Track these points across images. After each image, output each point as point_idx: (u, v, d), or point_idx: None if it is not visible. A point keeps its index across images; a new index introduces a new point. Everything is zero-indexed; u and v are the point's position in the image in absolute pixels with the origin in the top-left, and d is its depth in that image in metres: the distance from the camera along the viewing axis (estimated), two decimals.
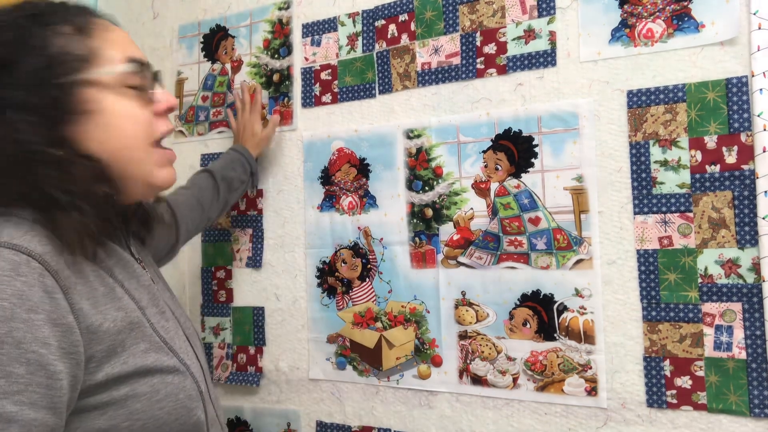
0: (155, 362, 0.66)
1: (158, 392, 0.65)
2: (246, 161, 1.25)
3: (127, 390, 0.62)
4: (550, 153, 1.07)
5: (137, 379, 0.63)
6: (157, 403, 0.64)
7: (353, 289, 1.25)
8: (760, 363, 0.91)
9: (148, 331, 0.67)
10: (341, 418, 1.25)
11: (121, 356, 0.62)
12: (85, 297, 0.61)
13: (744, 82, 0.93)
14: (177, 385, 0.67)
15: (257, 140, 1.28)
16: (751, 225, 0.92)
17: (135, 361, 0.63)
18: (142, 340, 0.66)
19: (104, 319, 0.62)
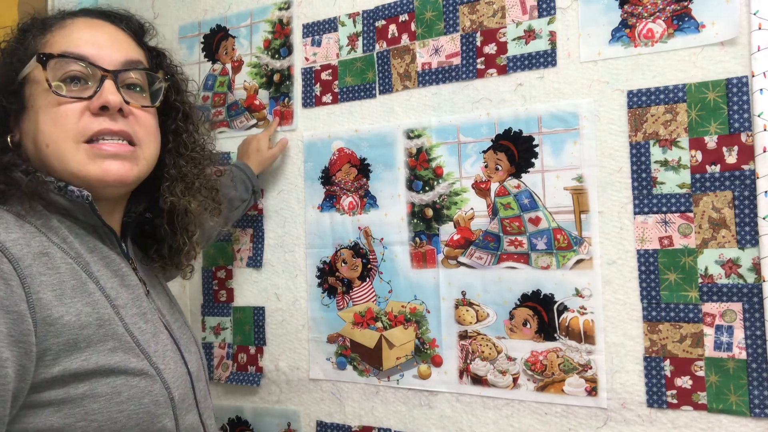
0: (120, 362, 0.63)
1: (120, 394, 0.62)
2: (248, 179, 1.23)
3: (85, 388, 0.60)
4: (550, 153, 1.07)
5: (98, 378, 0.61)
6: (116, 405, 0.62)
7: (353, 289, 1.25)
8: (761, 363, 0.91)
9: (119, 330, 0.65)
10: (341, 418, 1.25)
11: (83, 352, 0.60)
12: (50, 288, 0.60)
13: (744, 82, 0.93)
14: (142, 388, 0.64)
15: (262, 158, 1.26)
16: (751, 225, 0.92)
17: (97, 359, 0.61)
18: (111, 339, 0.63)
19: (66, 312, 0.60)
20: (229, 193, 1.18)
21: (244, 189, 1.23)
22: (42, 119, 0.67)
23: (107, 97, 0.67)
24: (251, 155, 1.26)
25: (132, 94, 0.73)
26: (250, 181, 1.23)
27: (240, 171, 1.23)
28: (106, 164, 0.68)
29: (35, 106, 0.67)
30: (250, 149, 1.27)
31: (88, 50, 0.69)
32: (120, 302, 0.68)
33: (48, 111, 0.67)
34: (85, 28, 0.71)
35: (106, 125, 0.68)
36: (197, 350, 0.81)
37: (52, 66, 0.67)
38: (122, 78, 0.71)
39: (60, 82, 0.67)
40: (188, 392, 0.73)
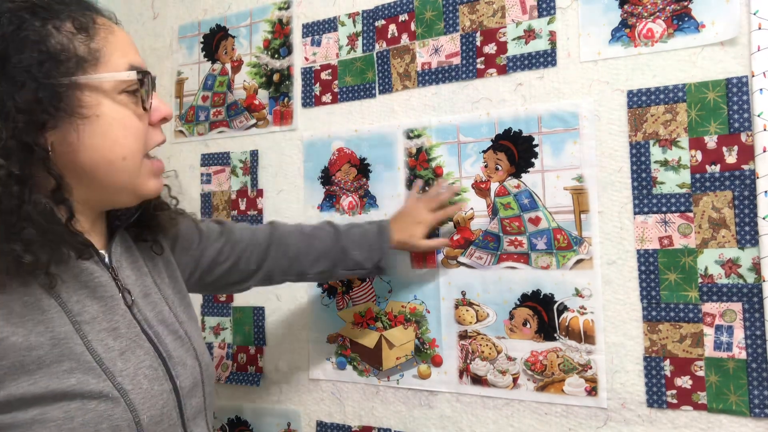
0: (76, 385, 0.58)
1: (72, 419, 0.57)
2: (379, 249, 1.05)
3: (35, 413, 0.55)
4: (550, 153, 1.07)
5: (50, 403, 0.56)
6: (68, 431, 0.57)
7: (353, 289, 1.25)
8: (760, 363, 0.91)
9: (77, 348, 0.60)
10: (341, 418, 1.25)
11: (32, 375, 0.56)
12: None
13: (744, 82, 0.93)
14: (101, 413, 0.59)
15: (410, 233, 1.07)
16: (751, 225, 0.92)
17: (48, 383, 0.56)
18: (67, 359, 0.59)
19: (13, 333, 0.56)
20: (352, 251, 1.04)
21: (368, 258, 1.05)
22: (119, 131, 0.64)
23: (168, 110, 0.71)
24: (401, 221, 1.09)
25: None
26: (381, 253, 1.05)
27: (378, 236, 1.05)
28: (156, 181, 0.71)
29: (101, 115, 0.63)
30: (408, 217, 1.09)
31: (140, 60, 0.68)
32: (85, 317, 0.63)
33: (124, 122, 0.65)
34: (122, 32, 0.68)
35: (162, 137, 0.71)
36: (196, 364, 0.74)
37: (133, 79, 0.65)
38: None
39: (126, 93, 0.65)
40: (169, 412, 0.67)
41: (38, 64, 0.58)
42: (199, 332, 0.82)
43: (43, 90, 0.58)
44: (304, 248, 1.03)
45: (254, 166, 1.36)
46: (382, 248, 1.05)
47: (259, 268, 1.00)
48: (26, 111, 0.57)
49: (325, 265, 1.04)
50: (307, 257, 1.03)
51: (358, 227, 1.07)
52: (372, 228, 1.07)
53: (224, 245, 0.96)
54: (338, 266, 1.05)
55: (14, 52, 0.58)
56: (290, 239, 1.03)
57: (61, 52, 0.60)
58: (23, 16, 0.59)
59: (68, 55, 0.60)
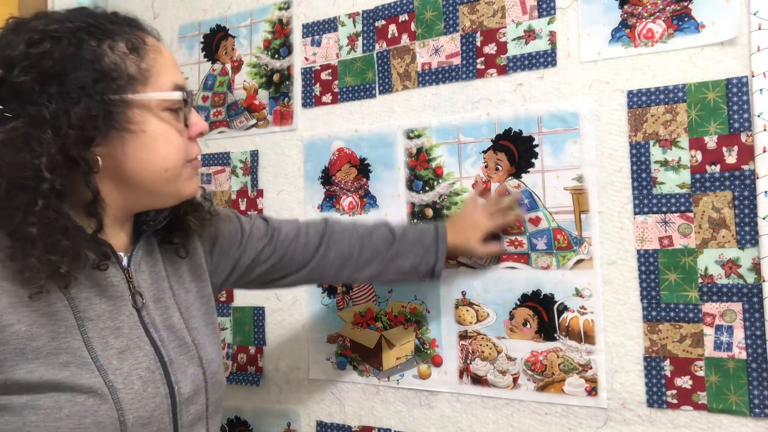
0: (69, 377, 0.61)
1: (60, 410, 0.60)
2: (435, 254, 1.01)
3: (27, 399, 0.59)
4: (550, 153, 1.07)
5: (43, 391, 0.60)
6: (55, 420, 0.59)
7: (353, 288, 1.25)
8: (761, 363, 0.91)
9: (75, 343, 0.63)
10: (341, 418, 1.25)
11: (30, 363, 0.59)
12: (7, 295, 0.60)
13: (744, 82, 0.93)
14: (87, 407, 0.61)
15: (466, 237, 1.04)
16: (751, 225, 0.92)
17: (43, 372, 0.60)
18: (65, 352, 0.62)
19: (19, 321, 0.60)
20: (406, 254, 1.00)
21: (422, 262, 1.01)
22: (162, 146, 0.69)
23: (206, 128, 0.77)
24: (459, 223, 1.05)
25: None
26: (435, 258, 1.01)
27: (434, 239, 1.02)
28: (195, 180, 0.77)
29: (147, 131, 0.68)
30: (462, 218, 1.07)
31: (182, 79, 0.73)
32: (90, 314, 0.65)
33: (167, 138, 0.70)
34: (167, 51, 0.73)
35: (199, 149, 0.77)
36: (200, 372, 0.75)
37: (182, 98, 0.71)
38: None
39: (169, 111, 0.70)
40: (161, 416, 0.68)
41: (93, 81, 0.62)
42: (214, 340, 0.82)
43: (96, 106, 0.62)
44: (357, 251, 0.99)
45: (254, 166, 1.36)
46: (438, 251, 1.02)
47: (305, 267, 0.97)
48: (78, 126, 0.61)
49: (378, 268, 1.01)
50: (360, 260, 0.99)
51: (414, 230, 1.04)
52: (429, 231, 1.03)
53: (266, 245, 0.94)
54: (391, 270, 1.01)
55: (71, 71, 0.62)
56: (344, 238, 1.00)
57: (113, 70, 0.64)
58: (81, 37, 0.64)
59: (120, 73, 0.65)
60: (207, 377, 0.76)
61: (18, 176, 0.60)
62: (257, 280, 0.96)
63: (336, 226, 1.01)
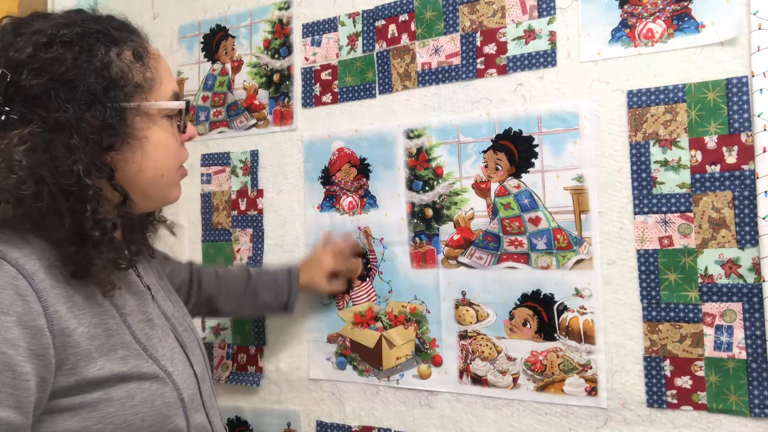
0: (133, 368, 0.66)
1: (133, 398, 0.65)
2: (288, 291, 1.15)
3: (101, 393, 0.63)
4: (550, 153, 1.07)
5: (113, 384, 0.64)
6: (131, 408, 0.64)
7: (353, 288, 1.25)
8: (760, 363, 0.91)
9: (127, 338, 0.67)
10: (341, 418, 1.25)
11: (97, 361, 0.63)
12: (63, 301, 0.61)
13: (744, 82, 0.93)
14: (154, 391, 0.67)
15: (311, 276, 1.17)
16: (751, 225, 0.92)
17: (111, 367, 0.64)
18: (120, 347, 0.66)
19: (80, 324, 0.62)
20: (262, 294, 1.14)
21: (277, 301, 1.15)
22: (161, 152, 0.72)
23: (195, 133, 0.80)
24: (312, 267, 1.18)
25: None
26: (288, 297, 1.15)
27: (287, 280, 1.15)
28: (179, 187, 0.80)
29: (147, 138, 0.70)
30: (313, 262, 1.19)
31: (176, 87, 0.76)
32: (127, 310, 0.70)
33: (166, 144, 0.73)
34: (163, 59, 0.76)
35: (188, 153, 0.79)
36: (201, 352, 0.83)
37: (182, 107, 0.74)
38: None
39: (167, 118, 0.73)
40: (195, 393, 0.75)
41: (104, 89, 0.64)
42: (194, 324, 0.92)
43: (109, 114, 0.64)
44: (217, 289, 1.14)
45: (254, 166, 1.36)
46: (291, 291, 1.15)
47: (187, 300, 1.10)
48: (95, 132, 0.63)
49: (235, 305, 1.16)
50: (219, 297, 1.14)
51: (268, 272, 1.18)
52: (283, 272, 1.17)
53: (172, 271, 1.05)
54: (248, 306, 1.16)
55: (83, 77, 0.63)
56: (205, 279, 1.14)
57: (121, 78, 0.66)
58: (92, 43, 0.65)
59: (127, 82, 0.67)
60: (205, 357, 0.84)
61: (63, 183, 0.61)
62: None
63: (200, 268, 1.15)
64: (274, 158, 1.34)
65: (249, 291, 1.15)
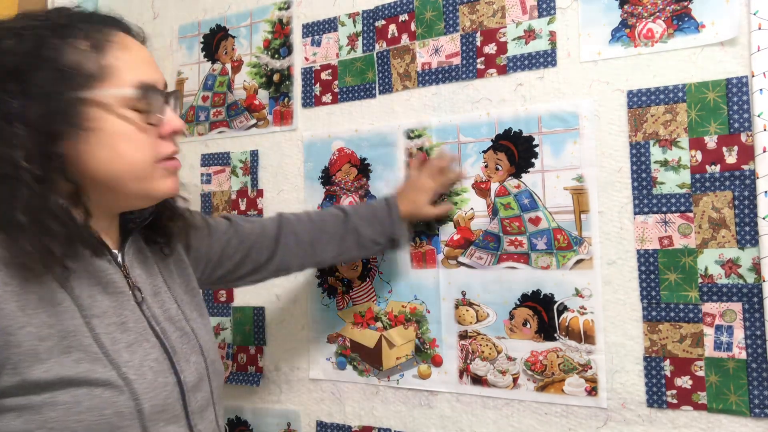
0: (84, 373, 0.62)
1: (80, 404, 0.61)
2: (390, 223, 1.06)
3: (46, 396, 0.60)
4: (550, 153, 1.07)
5: (60, 388, 0.61)
6: (75, 414, 0.61)
7: (353, 288, 1.25)
8: (761, 363, 0.91)
9: (85, 340, 0.64)
10: (341, 418, 1.25)
11: (45, 363, 0.60)
12: (14, 298, 0.60)
13: (744, 82, 0.93)
14: (105, 399, 0.63)
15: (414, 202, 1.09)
16: (751, 225, 0.92)
17: (59, 370, 0.61)
18: (76, 350, 0.63)
19: (28, 323, 0.60)
20: (363, 229, 1.05)
21: (381, 232, 1.06)
22: (122, 144, 0.68)
23: (180, 126, 0.73)
24: (412, 193, 1.10)
25: None
26: (392, 225, 1.07)
27: (386, 210, 1.07)
28: (172, 180, 0.73)
29: (105, 129, 0.66)
30: (412, 187, 1.11)
31: (155, 76, 0.71)
32: (95, 311, 0.67)
33: (128, 136, 0.68)
34: (140, 50, 0.72)
35: (174, 148, 0.74)
36: (201, 360, 0.78)
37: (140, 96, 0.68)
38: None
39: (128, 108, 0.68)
40: (173, 403, 0.71)
41: (52, 79, 0.63)
42: (209, 329, 0.86)
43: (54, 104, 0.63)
44: (315, 234, 1.05)
45: (254, 166, 1.36)
46: (393, 221, 1.06)
47: (271, 259, 1.02)
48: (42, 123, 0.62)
49: (340, 248, 1.06)
50: (320, 242, 1.05)
51: (365, 206, 1.10)
52: (380, 203, 1.09)
53: (232, 238, 0.98)
54: (353, 246, 1.06)
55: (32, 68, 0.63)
56: (299, 227, 1.05)
57: (72, 68, 0.64)
58: (43, 34, 0.65)
59: (78, 71, 0.65)
60: (208, 364, 0.79)
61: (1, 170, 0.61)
62: (230, 275, 1.00)
63: (290, 216, 1.07)
64: (274, 158, 1.34)
65: (350, 229, 1.05)
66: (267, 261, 1.02)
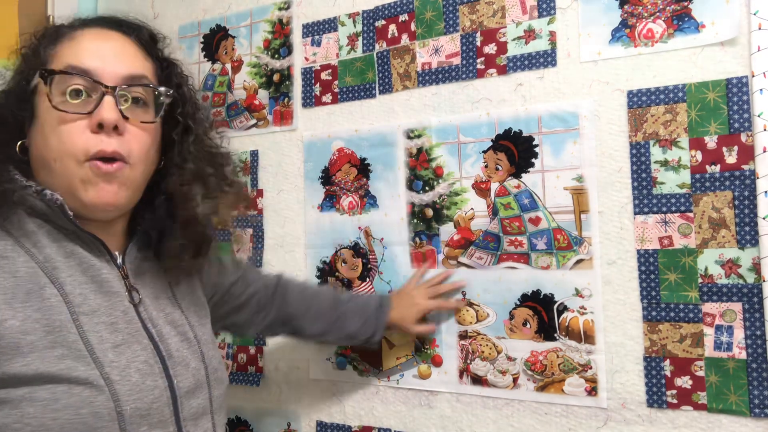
0: (65, 370, 0.62)
1: (57, 401, 0.60)
2: (375, 325, 1.08)
3: (25, 391, 0.60)
4: (550, 153, 1.07)
5: (39, 384, 0.60)
6: (52, 411, 0.60)
7: (353, 288, 1.25)
8: (760, 363, 0.91)
9: (71, 337, 0.63)
10: (341, 418, 1.25)
11: (26, 357, 0.60)
12: (1, 291, 0.61)
13: (744, 82, 0.93)
14: (84, 398, 0.62)
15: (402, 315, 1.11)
16: (751, 225, 0.92)
17: (39, 365, 0.60)
18: (60, 346, 0.62)
19: (13, 316, 0.61)
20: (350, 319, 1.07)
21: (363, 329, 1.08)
22: (49, 134, 0.67)
23: (103, 115, 0.66)
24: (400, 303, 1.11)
25: (134, 110, 0.70)
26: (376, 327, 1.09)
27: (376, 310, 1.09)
28: (98, 189, 0.67)
29: (41, 118, 0.68)
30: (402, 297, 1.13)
31: (92, 63, 0.68)
32: (85, 309, 0.66)
33: (54, 126, 0.67)
34: (92, 40, 0.71)
35: (101, 146, 0.67)
36: (202, 367, 0.76)
37: (55, 81, 0.67)
38: (125, 92, 0.70)
39: (64, 96, 0.67)
40: (160, 408, 0.69)
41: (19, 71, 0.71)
42: (212, 339, 0.84)
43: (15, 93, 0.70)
44: (304, 306, 1.06)
45: (254, 166, 1.36)
46: (378, 324, 1.09)
47: (263, 314, 1.03)
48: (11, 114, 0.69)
49: (324, 327, 1.07)
50: (305, 316, 1.06)
51: (358, 298, 1.13)
52: (373, 302, 1.11)
53: (239, 279, 0.99)
54: (334, 331, 1.08)
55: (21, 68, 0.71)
56: (293, 293, 1.06)
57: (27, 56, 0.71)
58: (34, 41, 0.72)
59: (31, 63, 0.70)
60: (209, 372, 0.78)
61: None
62: (225, 319, 0.98)
63: (287, 280, 1.09)
64: (274, 158, 1.34)
65: (337, 315, 1.07)
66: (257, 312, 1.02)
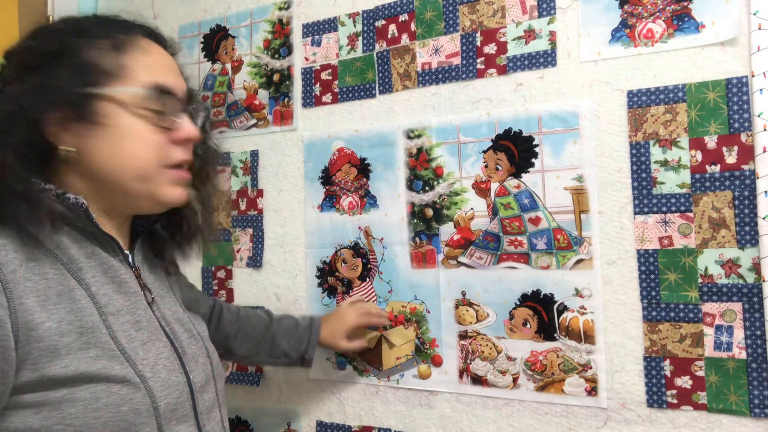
0: (102, 369, 0.63)
1: (98, 400, 0.62)
2: (307, 342, 1.12)
3: (65, 392, 0.61)
4: (550, 153, 1.07)
5: (78, 384, 0.61)
6: (93, 411, 0.61)
7: (353, 289, 1.25)
8: (760, 363, 0.91)
9: (103, 337, 0.65)
10: (341, 418, 1.25)
11: (64, 359, 0.61)
12: (34, 293, 0.61)
13: (744, 82, 0.93)
14: (123, 396, 0.64)
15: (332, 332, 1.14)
16: (751, 225, 0.92)
17: (78, 366, 0.61)
18: (94, 346, 0.64)
19: (48, 318, 0.61)
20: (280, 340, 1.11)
21: (295, 348, 1.12)
22: (128, 142, 0.69)
23: (193, 133, 0.74)
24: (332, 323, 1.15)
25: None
26: (307, 347, 1.12)
27: (308, 330, 1.13)
28: (180, 190, 0.74)
29: (117, 126, 0.68)
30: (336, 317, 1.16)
31: (172, 82, 0.73)
32: (111, 309, 0.68)
33: (136, 134, 0.69)
34: (160, 54, 0.74)
35: (185, 156, 0.74)
36: (208, 362, 0.80)
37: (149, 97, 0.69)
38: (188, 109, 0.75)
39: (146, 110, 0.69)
40: (183, 402, 0.71)
41: (68, 74, 0.66)
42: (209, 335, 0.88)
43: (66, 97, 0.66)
44: (236, 327, 1.10)
45: (254, 166, 1.36)
46: (310, 342, 1.12)
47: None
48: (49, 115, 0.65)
49: (252, 349, 1.11)
50: (237, 337, 1.10)
51: (290, 319, 1.15)
52: (305, 321, 1.14)
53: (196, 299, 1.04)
54: (264, 352, 1.11)
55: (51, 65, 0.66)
56: (227, 316, 1.11)
57: (87, 64, 0.67)
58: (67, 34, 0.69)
59: (94, 68, 0.67)
60: (213, 366, 0.81)
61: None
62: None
63: (223, 304, 1.13)
64: (274, 158, 1.34)
65: (268, 336, 1.11)
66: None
